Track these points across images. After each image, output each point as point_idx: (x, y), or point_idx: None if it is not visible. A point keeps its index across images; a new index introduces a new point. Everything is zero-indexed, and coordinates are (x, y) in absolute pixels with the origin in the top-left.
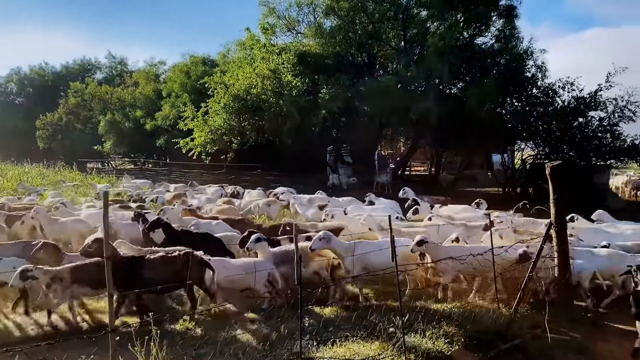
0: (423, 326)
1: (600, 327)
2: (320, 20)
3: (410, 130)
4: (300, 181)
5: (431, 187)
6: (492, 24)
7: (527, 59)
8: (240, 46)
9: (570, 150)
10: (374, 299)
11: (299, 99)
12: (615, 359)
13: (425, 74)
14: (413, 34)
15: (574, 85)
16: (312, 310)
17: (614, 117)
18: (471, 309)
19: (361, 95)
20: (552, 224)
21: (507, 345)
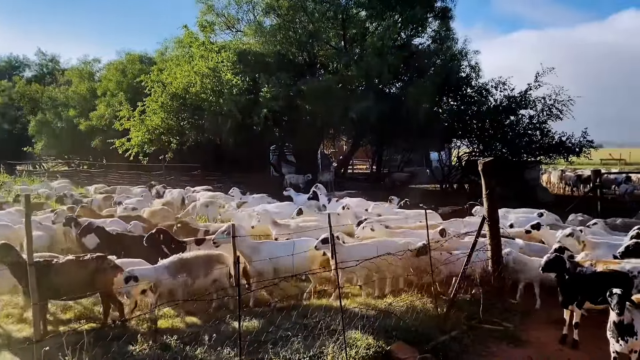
0: (363, 322)
1: (531, 316)
2: (260, 18)
3: (351, 129)
4: (242, 181)
5: (373, 185)
6: (429, 25)
7: (462, 60)
8: (178, 44)
9: (502, 147)
10: (314, 298)
11: (240, 97)
12: (545, 345)
13: (365, 73)
14: (352, 33)
15: (506, 85)
16: (251, 310)
17: (543, 115)
18: (410, 303)
19: (302, 94)
20: (485, 218)
21: (444, 337)
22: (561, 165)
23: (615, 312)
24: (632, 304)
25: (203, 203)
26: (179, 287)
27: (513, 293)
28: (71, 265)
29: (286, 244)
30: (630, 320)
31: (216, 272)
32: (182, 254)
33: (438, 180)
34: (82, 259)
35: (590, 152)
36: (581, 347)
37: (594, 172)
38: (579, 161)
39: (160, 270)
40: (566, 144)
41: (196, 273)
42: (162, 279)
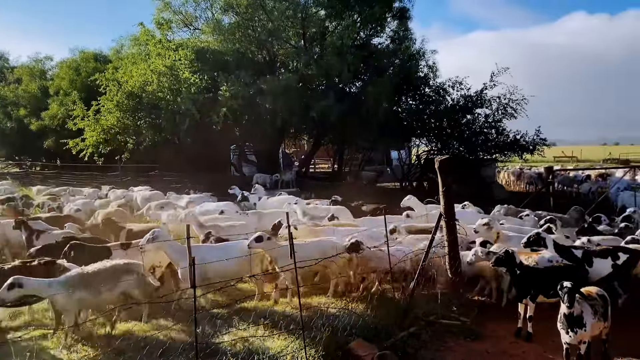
0: (323, 321)
1: (487, 310)
2: (219, 16)
3: (312, 128)
4: (202, 181)
5: (334, 184)
6: (387, 24)
7: (420, 59)
8: (134, 42)
9: (459, 145)
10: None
11: (198, 96)
12: (501, 338)
13: (325, 72)
14: (312, 32)
15: (462, 85)
16: (209, 313)
17: (498, 114)
18: (370, 301)
19: (263, 93)
20: (442, 215)
21: (403, 334)
22: (516, 163)
23: (566, 304)
24: (582, 296)
25: (158, 204)
26: (75, 305)
27: (471, 288)
28: (18, 271)
29: (219, 247)
30: (579, 312)
31: (123, 285)
32: (84, 268)
33: (398, 178)
34: (29, 265)
35: (543, 150)
36: (535, 340)
37: (546, 169)
38: (533, 159)
39: (54, 285)
40: (520, 142)
41: (97, 288)
42: (55, 293)
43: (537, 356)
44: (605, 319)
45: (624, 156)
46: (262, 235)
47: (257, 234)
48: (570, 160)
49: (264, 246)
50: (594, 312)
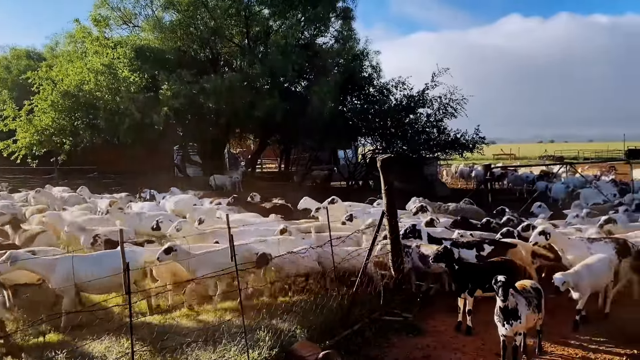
0: (266, 322)
1: (429, 306)
2: (159, 14)
3: (258, 127)
4: (143, 182)
5: (283, 184)
6: (331, 24)
7: (364, 60)
8: (69, 39)
9: (403, 144)
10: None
11: (138, 95)
12: (442, 333)
13: (270, 71)
14: (256, 31)
15: (405, 85)
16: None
17: (439, 113)
18: (313, 301)
19: (206, 92)
20: (385, 213)
21: (347, 332)
22: (458, 161)
23: (500, 298)
24: (515, 290)
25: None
26: None
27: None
28: None
29: (92, 258)
30: (514, 305)
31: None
32: None
33: (344, 177)
34: None
35: (482, 148)
36: (474, 333)
37: (484, 166)
38: (474, 157)
39: None
40: (461, 140)
41: None
42: None
43: (476, 349)
44: (539, 311)
45: (559, 153)
46: (171, 247)
47: (166, 245)
48: (508, 158)
49: (175, 258)
50: (528, 304)
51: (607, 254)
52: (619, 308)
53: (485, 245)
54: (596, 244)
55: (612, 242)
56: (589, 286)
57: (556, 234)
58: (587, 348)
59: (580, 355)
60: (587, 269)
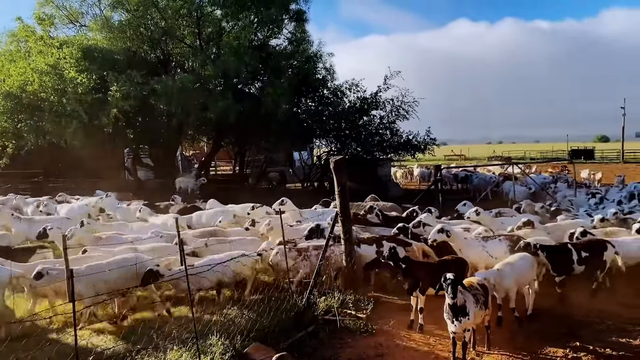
0: (218, 327)
1: (383, 305)
2: (107, 13)
3: (211, 129)
4: (92, 186)
5: (237, 186)
6: (285, 26)
7: (318, 62)
8: (12, 38)
9: (357, 146)
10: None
11: (85, 96)
12: (395, 331)
13: (222, 72)
14: (208, 32)
15: (359, 87)
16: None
17: (392, 115)
18: (267, 303)
19: (157, 93)
20: (338, 214)
21: (301, 334)
22: (412, 162)
23: (449, 295)
24: (463, 287)
25: None
26: None
27: (367, 283)
28: None
29: None
30: (462, 302)
31: None
32: None
33: (299, 179)
34: None
35: (433, 149)
36: (426, 331)
37: (435, 167)
38: (426, 158)
39: None
40: (413, 142)
41: None
42: None
43: (428, 346)
44: (487, 307)
45: (507, 154)
46: (40, 272)
47: (35, 271)
48: (459, 159)
49: (47, 281)
50: (476, 301)
51: (501, 251)
52: (558, 304)
53: (384, 242)
54: (490, 241)
55: (506, 240)
56: (512, 285)
57: (455, 232)
58: (532, 342)
59: (525, 349)
60: (509, 267)
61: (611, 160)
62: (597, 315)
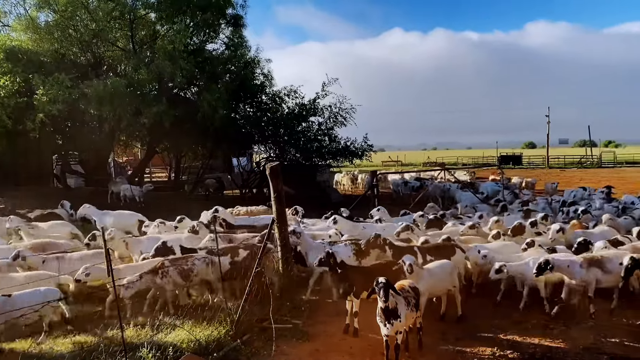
0: (149, 339)
1: (319, 310)
2: (33, 13)
3: (145, 135)
4: (16, 194)
5: (173, 193)
6: (221, 31)
7: (256, 67)
8: None
9: (296, 152)
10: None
11: (9, 100)
12: (330, 336)
13: (157, 77)
14: (142, 35)
15: (297, 93)
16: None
17: (330, 122)
18: (200, 313)
19: (87, 97)
20: (275, 220)
21: (235, 343)
22: (351, 168)
23: (382, 299)
24: (395, 290)
25: None
26: None
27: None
28: None
29: None
30: (394, 305)
31: None
32: None
33: (237, 185)
34: None
35: (371, 155)
36: (361, 335)
37: (370, 173)
38: (364, 163)
39: None
40: (351, 148)
41: None
42: None
43: (363, 349)
44: (417, 309)
45: (440, 159)
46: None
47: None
48: (396, 164)
49: None
50: (407, 303)
51: (346, 255)
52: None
53: (240, 250)
54: (336, 246)
55: (351, 244)
56: (427, 290)
57: (304, 235)
58: (462, 342)
59: (455, 350)
60: (427, 272)
61: (537, 165)
62: (521, 315)
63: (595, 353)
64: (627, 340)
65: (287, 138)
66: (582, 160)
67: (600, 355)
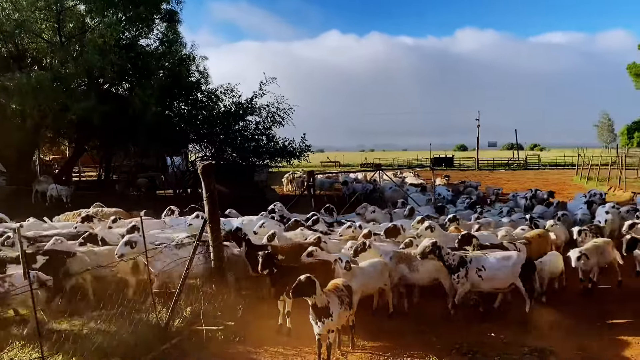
0: (69, 345)
1: (252, 310)
2: None
3: (72, 131)
4: None
5: (102, 193)
6: (156, 26)
7: (191, 64)
8: None
9: (233, 151)
10: None
11: None
12: (262, 337)
13: (85, 71)
14: (70, 28)
15: (234, 92)
16: None
17: (268, 121)
18: (127, 316)
19: (9, 91)
20: (206, 221)
21: (164, 346)
22: (289, 169)
23: (313, 297)
24: (328, 289)
25: None
26: None
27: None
28: None
29: None
30: (326, 303)
31: None
32: None
33: (172, 185)
34: None
35: (309, 156)
36: (294, 334)
37: (307, 173)
38: (302, 164)
39: None
40: (288, 148)
41: None
42: None
43: (295, 348)
44: (351, 307)
45: (377, 161)
46: None
47: None
48: (334, 165)
49: None
50: (341, 302)
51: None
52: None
53: None
54: (183, 249)
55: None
56: (360, 288)
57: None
58: (393, 339)
59: (387, 346)
60: (360, 271)
61: (468, 167)
62: (447, 313)
63: (517, 346)
64: (547, 333)
65: (224, 137)
66: (509, 162)
67: (522, 347)
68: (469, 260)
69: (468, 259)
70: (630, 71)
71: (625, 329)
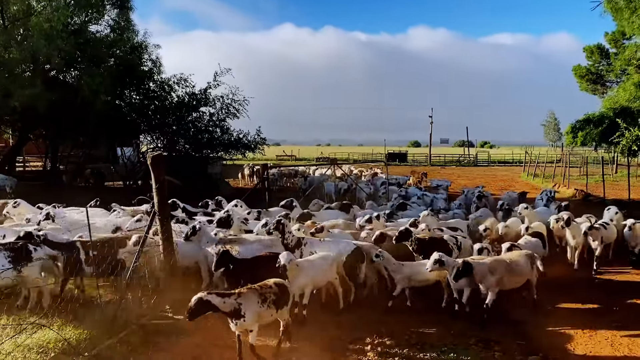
0: (10, 340)
1: None
2: None
3: (16, 119)
4: None
5: (48, 184)
6: (107, 12)
7: (143, 53)
8: None
9: (186, 143)
10: None
11: None
12: (212, 331)
13: (30, 57)
14: (14, 11)
15: (187, 82)
16: None
17: (222, 113)
18: (70, 310)
19: None
20: (156, 213)
21: (110, 341)
22: (244, 161)
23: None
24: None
25: None
26: None
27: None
28: None
29: None
30: (235, 306)
31: None
32: None
33: (121, 176)
34: None
35: (264, 149)
36: None
37: (262, 166)
38: (258, 157)
39: None
40: (243, 140)
41: None
42: None
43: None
44: (279, 307)
45: (333, 155)
46: None
47: None
48: (290, 159)
49: None
50: (262, 301)
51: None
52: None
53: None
54: None
55: None
56: (310, 282)
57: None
58: (342, 332)
59: (336, 338)
60: (309, 265)
61: (421, 163)
62: (401, 305)
63: (464, 337)
64: (493, 325)
65: (176, 128)
66: (460, 159)
67: (469, 338)
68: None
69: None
70: (575, 73)
71: (568, 319)
